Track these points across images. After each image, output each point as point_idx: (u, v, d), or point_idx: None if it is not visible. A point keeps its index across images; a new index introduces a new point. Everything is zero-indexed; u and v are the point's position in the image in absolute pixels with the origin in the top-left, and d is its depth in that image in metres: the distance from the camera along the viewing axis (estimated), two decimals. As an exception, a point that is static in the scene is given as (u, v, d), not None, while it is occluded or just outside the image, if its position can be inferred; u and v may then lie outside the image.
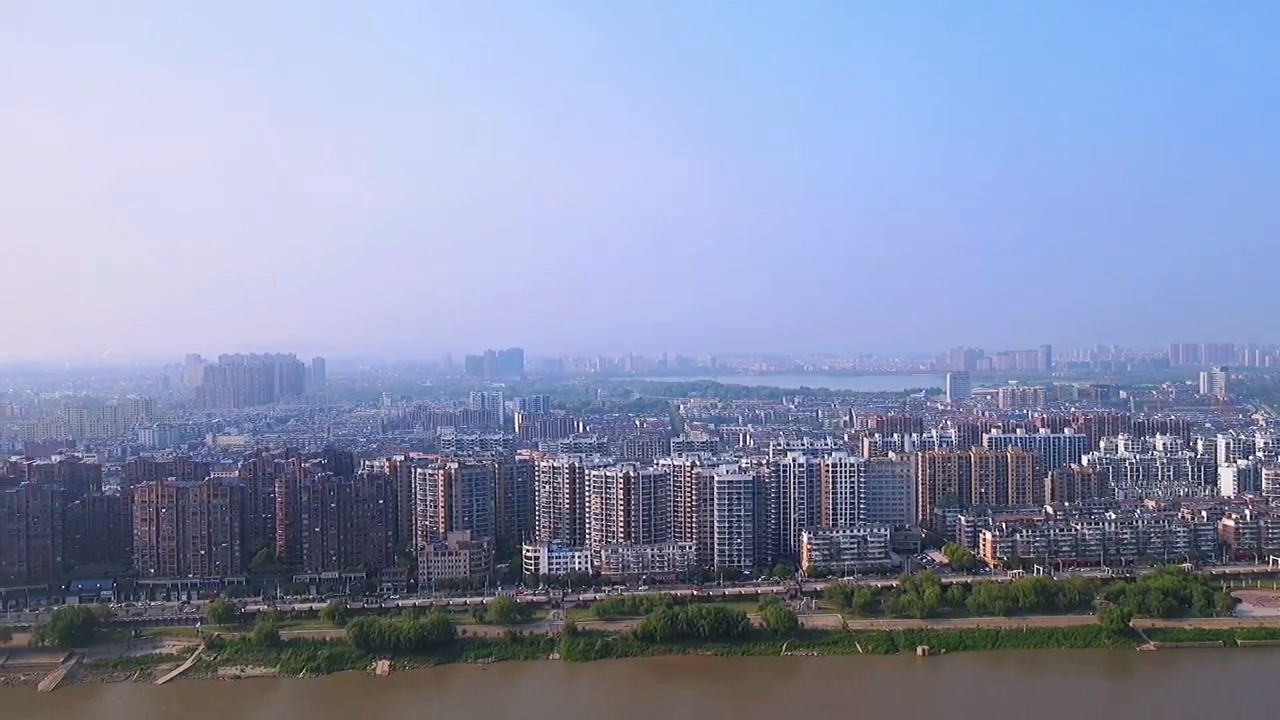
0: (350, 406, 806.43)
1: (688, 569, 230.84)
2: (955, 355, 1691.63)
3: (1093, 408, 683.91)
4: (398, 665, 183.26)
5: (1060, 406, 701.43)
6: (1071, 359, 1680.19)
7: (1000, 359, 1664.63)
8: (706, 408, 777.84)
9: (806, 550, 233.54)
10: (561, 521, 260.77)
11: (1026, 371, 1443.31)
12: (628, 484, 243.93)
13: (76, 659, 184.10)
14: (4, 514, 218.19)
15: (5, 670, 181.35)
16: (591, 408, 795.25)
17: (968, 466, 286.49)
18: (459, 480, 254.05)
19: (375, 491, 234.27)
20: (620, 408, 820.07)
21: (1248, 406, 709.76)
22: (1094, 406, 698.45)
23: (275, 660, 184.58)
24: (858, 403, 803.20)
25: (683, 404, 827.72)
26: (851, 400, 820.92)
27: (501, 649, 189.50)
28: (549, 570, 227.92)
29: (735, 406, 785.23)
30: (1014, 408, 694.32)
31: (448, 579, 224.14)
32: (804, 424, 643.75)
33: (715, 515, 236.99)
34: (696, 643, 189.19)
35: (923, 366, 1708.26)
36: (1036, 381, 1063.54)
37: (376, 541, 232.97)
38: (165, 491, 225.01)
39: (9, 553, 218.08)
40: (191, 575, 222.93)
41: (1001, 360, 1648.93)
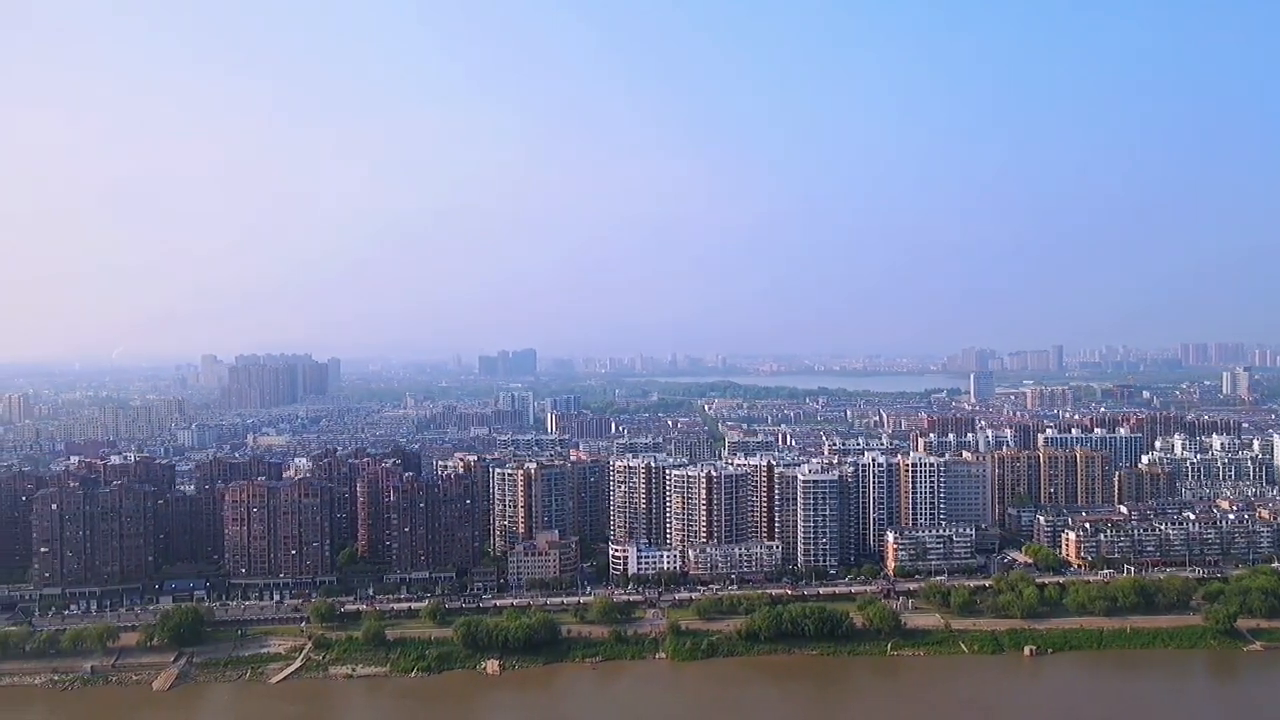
0: (378, 406, 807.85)
1: (775, 568, 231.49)
2: (967, 355, 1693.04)
3: (1119, 408, 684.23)
4: (507, 665, 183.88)
5: (1087, 407, 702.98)
6: (1081, 359, 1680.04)
7: (1012, 359, 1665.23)
8: (733, 408, 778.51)
9: (892, 550, 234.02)
10: (637, 521, 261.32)
11: (1039, 372, 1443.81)
12: (709, 484, 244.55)
13: (186, 658, 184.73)
14: (98, 513, 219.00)
15: (118, 669, 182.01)
16: (616, 408, 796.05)
17: (1036, 466, 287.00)
18: (539, 480, 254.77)
19: (462, 492, 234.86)
20: (645, 408, 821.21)
21: (1275, 407, 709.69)
22: (1120, 406, 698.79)
23: (384, 660, 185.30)
24: (880, 403, 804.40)
25: (709, 404, 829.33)
26: (874, 400, 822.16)
27: (607, 648, 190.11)
28: (638, 570, 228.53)
29: (760, 407, 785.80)
30: (1043, 407, 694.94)
31: (538, 579, 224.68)
32: (833, 424, 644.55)
33: (799, 515, 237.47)
34: (800, 642, 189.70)
35: (933, 367, 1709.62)
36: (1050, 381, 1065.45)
37: (463, 541, 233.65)
38: (256, 491, 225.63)
39: (102, 552, 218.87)
40: (283, 575, 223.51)
41: (1013, 360, 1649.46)
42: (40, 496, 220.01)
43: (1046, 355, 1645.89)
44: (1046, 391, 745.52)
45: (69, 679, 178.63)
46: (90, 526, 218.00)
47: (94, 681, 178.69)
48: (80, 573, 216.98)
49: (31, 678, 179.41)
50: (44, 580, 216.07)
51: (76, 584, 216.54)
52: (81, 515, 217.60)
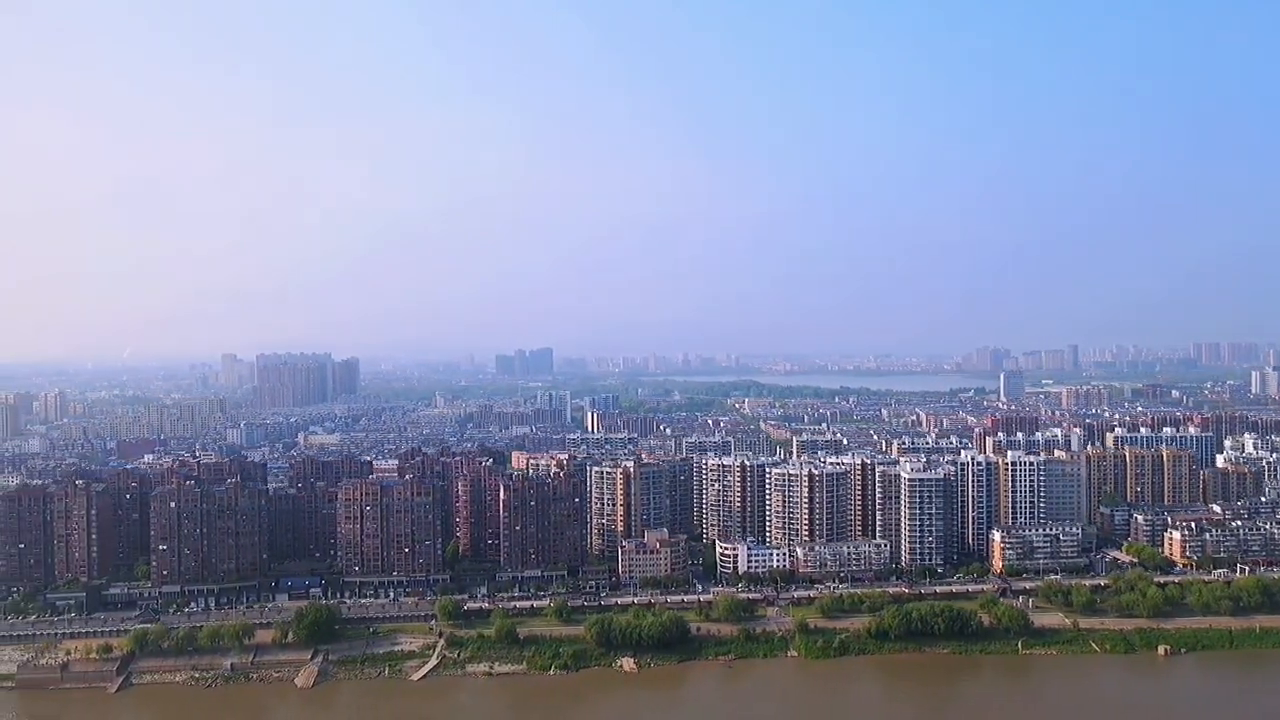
0: (409, 405, 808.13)
1: (883, 567, 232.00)
2: (981, 355, 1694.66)
3: (1155, 407, 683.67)
4: (642, 662, 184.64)
5: (1121, 406, 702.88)
6: (1094, 359, 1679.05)
7: (1027, 359, 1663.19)
8: (766, 407, 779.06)
9: (998, 549, 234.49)
10: (731, 519, 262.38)
11: (1054, 371, 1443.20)
12: (811, 482, 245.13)
13: (323, 656, 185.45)
14: (214, 511, 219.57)
15: (256, 667, 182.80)
16: (648, 407, 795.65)
17: (1123, 465, 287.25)
18: (637, 479, 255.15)
19: (570, 490, 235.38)
20: (677, 406, 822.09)
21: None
22: (1155, 406, 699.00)
23: (520, 657, 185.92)
24: (910, 402, 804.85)
25: (738, 403, 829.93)
26: (904, 400, 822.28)
27: (737, 646, 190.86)
28: (748, 568, 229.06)
29: (792, 406, 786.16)
30: (1079, 406, 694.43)
31: (650, 577, 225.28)
32: (869, 423, 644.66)
33: (904, 513, 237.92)
34: (930, 641, 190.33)
35: (947, 366, 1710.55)
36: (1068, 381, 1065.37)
37: (571, 540, 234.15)
38: (369, 490, 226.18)
39: (219, 550, 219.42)
40: (396, 573, 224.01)
41: (1028, 360, 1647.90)
42: (158, 494, 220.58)
43: (1061, 354, 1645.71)
44: (1081, 391, 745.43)
45: (210, 676, 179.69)
46: (207, 524, 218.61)
47: (235, 679, 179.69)
48: (197, 570, 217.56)
49: (172, 675, 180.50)
50: (162, 578, 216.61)
51: (193, 581, 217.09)
52: (198, 513, 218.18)
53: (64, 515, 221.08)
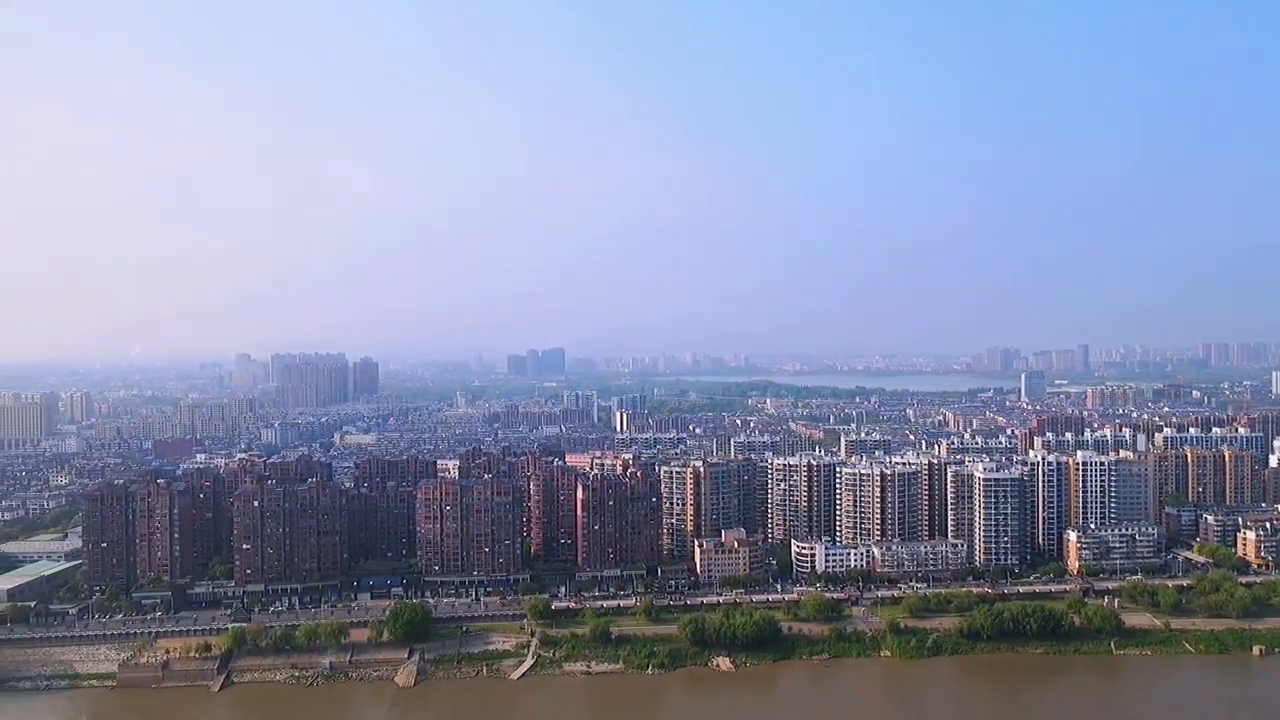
0: (432, 406, 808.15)
1: (960, 567, 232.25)
2: (991, 355, 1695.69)
3: (1181, 407, 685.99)
4: (738, 662, 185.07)
5: (1146, 406, 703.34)
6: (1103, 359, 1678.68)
7: (1037, 359, 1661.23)
8: (789, 407, 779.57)
9: (1074, 549, 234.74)
10: (798, 519, 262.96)
11: (1065, 371, 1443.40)
12: (883, 481, 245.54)
13: (419, 654, 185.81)
14: (297, 511, 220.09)
15: (354, 666, 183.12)
16: (669, 407, 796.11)
17: (1184, 465, 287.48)
18: (706, 479, 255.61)
19: (647, 489, 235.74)
20: (698, 406, 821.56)
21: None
22: (1181, 406, 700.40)
23: (615, 656, 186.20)
24: (931, 402, 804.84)
25: (760, 403, 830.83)
26: (926, 400, 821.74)
27: (829, 645, 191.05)
28: (826, 567, 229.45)
29: (815, 406, 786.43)
30: (1105, 407, 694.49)
31: (729, 576, 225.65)
32: (895, 423, 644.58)
33: (978, 513, 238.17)
34: (1022, 641, 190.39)
35: (956, 366, 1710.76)
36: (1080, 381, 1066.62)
37: (648, 539, 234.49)
38: (449, 490, 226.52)
39: (301, 549, 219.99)
40: (476, 572, 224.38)
41: (1039, 360, 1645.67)
42: (242, 494, 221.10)
43: (1072, 355, 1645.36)
44: (1107, 391, 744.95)
45: (310, 675, 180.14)
46: (289, 524, 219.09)
47: (334, 677, 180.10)
48: (280, 569, 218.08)
49: (272, 673, 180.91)
50: (245, 577, 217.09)
51: (276, 581, 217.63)
52: (281, 512, 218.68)
53: (146, 514, 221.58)
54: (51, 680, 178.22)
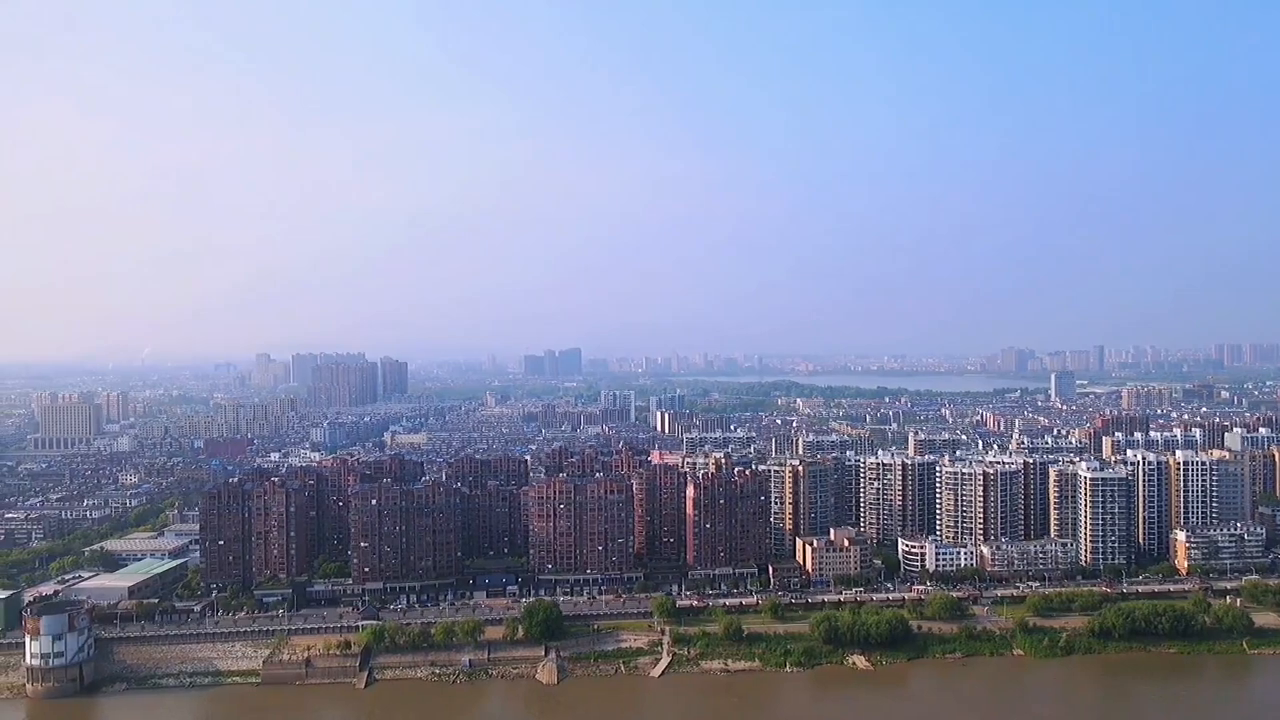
0: (463, 405, 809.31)
1: (1070, 566, 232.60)
2: (1006, 355, 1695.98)
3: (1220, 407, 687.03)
4: (873, 660, 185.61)
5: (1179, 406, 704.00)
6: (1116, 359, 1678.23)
7: (1051, 359, 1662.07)
8: (820, 406, 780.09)
9: (1182, 548, 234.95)
10: (892, 517, 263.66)
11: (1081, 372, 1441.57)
12: (986, 481, 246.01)
13: (555, 652, 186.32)
14: (414, 510, 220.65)
15: (493, 663, 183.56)
16: (702, 406, 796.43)
17: (1272, 465, 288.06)
18: (805, 477, 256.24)
19: (756, 488, 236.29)
20: (729, 406, 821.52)
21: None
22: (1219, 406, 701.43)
23: (751, 654, 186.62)
24: (963, 402, 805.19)
25: (793, 403, 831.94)
26: (957, 400, 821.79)
27: (961, 644, 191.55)
28: (936, 566, 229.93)
29: (849, 406, 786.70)
30: (1139, 407, 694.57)
31: (841, 574, 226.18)
32: (932, 422, 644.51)
33: (1085, 513, 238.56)
34: (1153, 640, 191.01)
35: (970, 367, 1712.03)
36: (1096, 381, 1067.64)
37: (757, 537, 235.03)
38: (562, 489, 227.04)
39: (417, 548, 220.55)
40: (589, 570, 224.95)
41: (1053, 360, 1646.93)
42: (360, 492, 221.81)
43: (1086, 355, 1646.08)
44: (1142, 391, 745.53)
45: (451, 672, 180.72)
46: (406, 522, 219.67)
47: (475, 675, 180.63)
48: (397, 567, 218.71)
49: (413, 670, 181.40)
50: (364, 575, 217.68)
51: (394, 579, 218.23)
52: (398, 511, 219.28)
53: (263, 513, 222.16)
54: (195, 677, 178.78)
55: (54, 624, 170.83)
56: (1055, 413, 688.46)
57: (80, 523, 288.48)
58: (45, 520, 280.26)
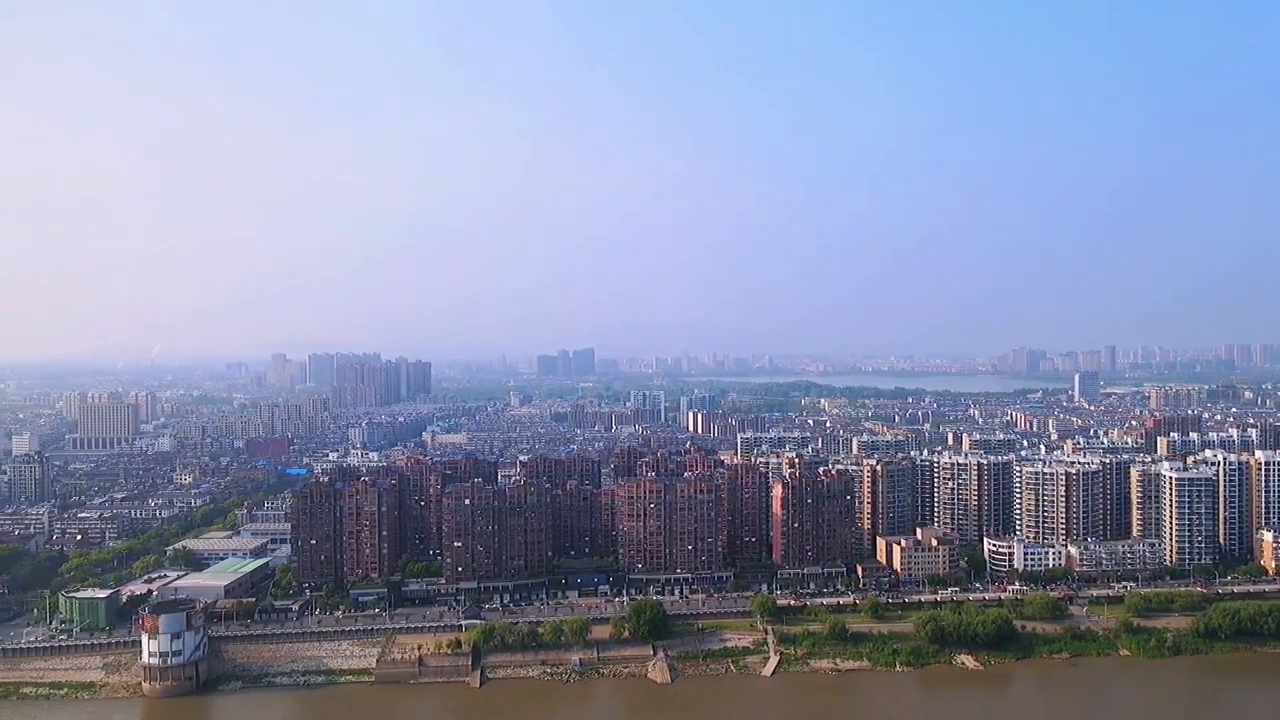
0: (488, 405, 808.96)
1: (1157, 566, 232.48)
2: (1017, 356, 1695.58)
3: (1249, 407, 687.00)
4: (981, 659, 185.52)
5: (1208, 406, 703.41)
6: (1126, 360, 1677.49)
7: (1063, 360, 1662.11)
8: (846, 407, 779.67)
9: (1269, 549, 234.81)
10: (968, 517, 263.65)
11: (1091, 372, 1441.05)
12: (1068, 481, 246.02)
13: (662, 651, 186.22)
14: (505, 509, 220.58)
15: (603, 662, 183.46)
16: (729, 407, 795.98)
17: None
18: (884, 477, 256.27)
19: (843, 488, 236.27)
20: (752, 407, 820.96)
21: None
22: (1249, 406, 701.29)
23: (858, 654, 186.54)
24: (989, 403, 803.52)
25: (817, 403, 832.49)
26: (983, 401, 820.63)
27: (1066, 644, 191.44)
28: (1024, 566, 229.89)
29: (874, 406, 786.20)
30: (1169, 408, 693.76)
31: (931, 574, 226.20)
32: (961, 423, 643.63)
33: (1170, 513, 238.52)
34: (1260, 640, 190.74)
35: (981, 367, 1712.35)
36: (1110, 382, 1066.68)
37: (844, 537, 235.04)
38: (652, 489, 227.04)
39: (509, 547, 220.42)
40: (679, 570, 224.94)
41: (1065, 361, 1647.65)
42: (452, 492, 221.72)
43: (1098, 355, 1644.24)
44: (1170, 392, 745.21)
45: (562, 671, 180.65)
46: (499, 522, 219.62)
47: (587, 674, 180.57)
48: (490, 567, 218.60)
49: (524, 669, 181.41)
50: (456, 574, 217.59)
51: (487, 578, 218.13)
52: (491, 511, 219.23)
53: (354, 512, 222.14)
54: (308, 676, 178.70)
55: (172, 623, 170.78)
56: (1084, 413, 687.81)
57: (150, 522, 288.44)
58: (118, 520, 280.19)
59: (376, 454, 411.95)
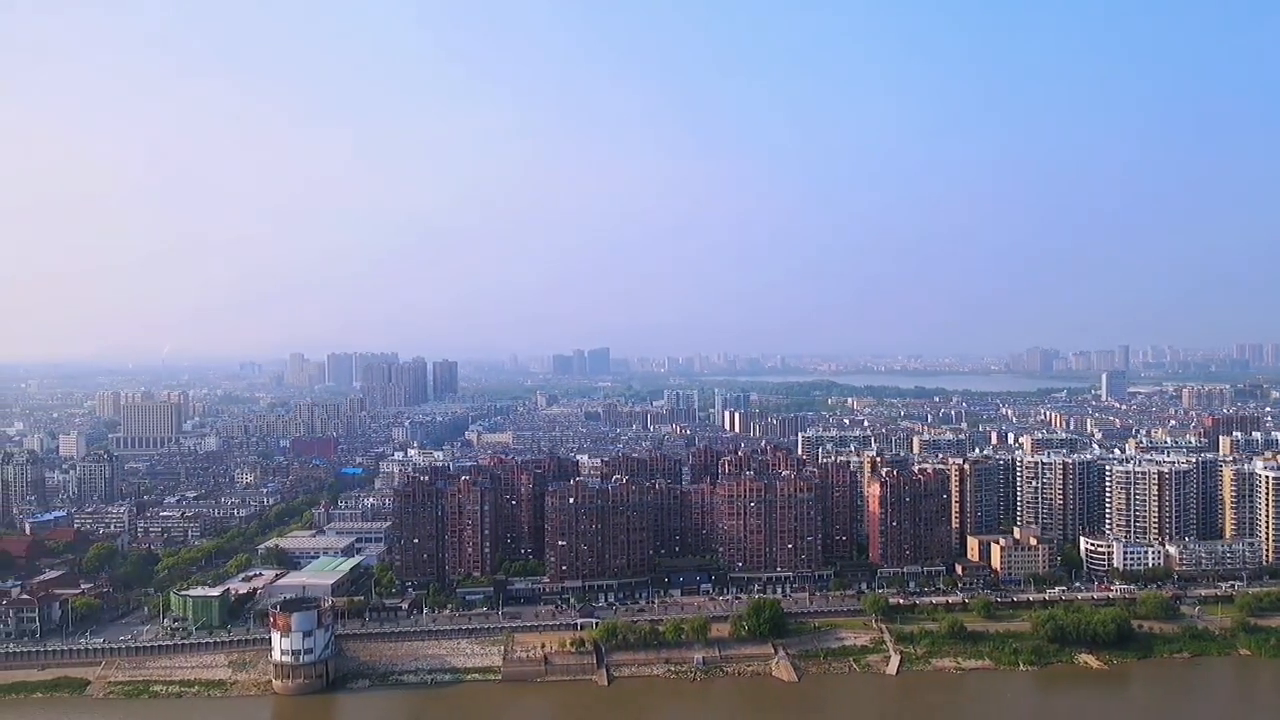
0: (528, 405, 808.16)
1: (1256, 566, 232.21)
2: (1031, 355, 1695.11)
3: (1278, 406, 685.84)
4: (1104, 659, 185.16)
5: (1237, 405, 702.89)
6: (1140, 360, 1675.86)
7: (1077, 359, 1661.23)
8: (873, 407, 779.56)
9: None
10: (1051, 516, 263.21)
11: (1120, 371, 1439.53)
12: (1160, 480, 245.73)
13: (783, 650, 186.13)
14: (610, 509, 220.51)
15: (725, 661, 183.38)
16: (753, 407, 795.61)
17: None
18: (971, 476, 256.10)
19: (939, 486, 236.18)
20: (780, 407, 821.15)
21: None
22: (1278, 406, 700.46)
23: (978, 653, 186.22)
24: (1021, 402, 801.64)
25: (843, 403, 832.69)
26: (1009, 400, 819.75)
27: (1185, 644, 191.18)
28: (1124, 565, 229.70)
29: (903, 406, 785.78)
30: (1202, 407, 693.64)
31: (1029, 573, 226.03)
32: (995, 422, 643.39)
33: (1268, 511, 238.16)
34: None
35: (994, 366, 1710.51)
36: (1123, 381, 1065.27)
37: (941, 536, 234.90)
38: (754, 487, 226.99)
39: (612, 546, 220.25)
40: (780, 568, 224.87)
41: (1079, 360, 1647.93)
42: (557, 491, 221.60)
43: (1112, 355, 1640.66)
44: (1204, 391, 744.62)
45: (686, 670, 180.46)
46: (602, 521, 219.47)
47: (710, 672, 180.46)
48: (593, 565, 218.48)
49: (648, 668, 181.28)
50: (561, 573, 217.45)
51: (590, 577, 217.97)
52: (595, 510, 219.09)
53: (456, 511, 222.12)
54: (434, 674, 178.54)
55: (305, 620, 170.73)
56: (1118, 412, 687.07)
57: (228, 521, 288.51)
58: (200, 518, 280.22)
59: (440, 453, 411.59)
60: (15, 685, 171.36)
